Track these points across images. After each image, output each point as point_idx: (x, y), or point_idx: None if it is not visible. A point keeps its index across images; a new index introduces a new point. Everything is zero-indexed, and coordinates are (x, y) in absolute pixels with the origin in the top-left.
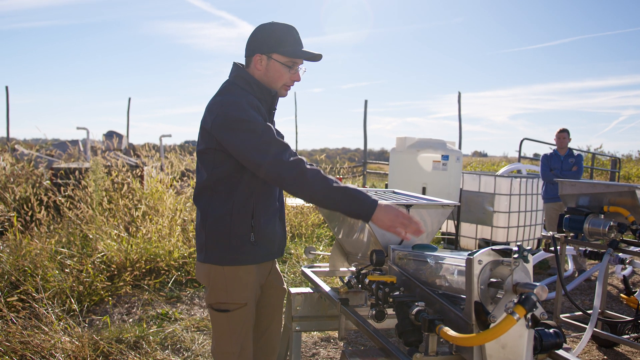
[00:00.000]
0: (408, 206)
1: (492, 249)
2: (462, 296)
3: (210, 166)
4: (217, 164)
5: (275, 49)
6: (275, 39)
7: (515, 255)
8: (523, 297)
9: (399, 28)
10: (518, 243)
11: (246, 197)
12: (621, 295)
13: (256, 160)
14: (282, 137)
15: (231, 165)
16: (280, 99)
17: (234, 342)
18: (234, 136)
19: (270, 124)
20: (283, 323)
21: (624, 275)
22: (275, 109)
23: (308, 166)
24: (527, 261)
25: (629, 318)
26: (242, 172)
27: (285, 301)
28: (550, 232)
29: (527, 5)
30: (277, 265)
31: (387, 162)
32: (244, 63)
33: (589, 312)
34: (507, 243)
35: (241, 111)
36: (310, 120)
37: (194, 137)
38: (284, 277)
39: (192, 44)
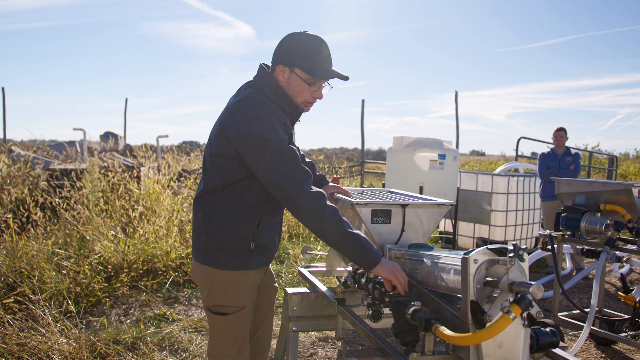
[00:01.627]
0: (404, 205)
1: (487, 248)
2: (458, 295)
3: (223, 171)
4: (231, 170)
5: (298, 64)
6: (300, 52)
7: (511, 254)
8: (519, 296)
9: (397, 27)
10: (514, 242)
11: (255, 205)
12: (619, 293)
13: (277, 183)
14: (298, 148)
15: (245, 173)
16: None
17: (231, 345)
18: (258, 154)
19: (295, 147)
20: (281, 323)
21: (621, 273)
22: (299, 120)
23: (328, 203)
24: (522, 260)
25: (627, 316)
26: (255, 180)
27: (282, 301)
28: (548, 231)
29: (524, 4)
30: (271, 265)
31: (384, 162)
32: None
33: (586, 310)
34: (505, 242)
35: (269, 129)
36: (308, 120)
37: (192, 137)
38: (282, 277)
39: (189, 44)
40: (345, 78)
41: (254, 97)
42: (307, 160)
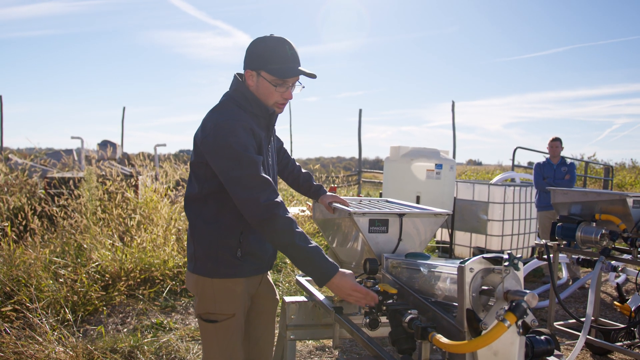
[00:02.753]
0: (401, 215)
1: (483, 257)
2: (455, 304)
3: (202, 179)
4: (209, 178)
5: (264, 67)
6: (265, 56)
7: (506, 263)
8: (514, 304)
9: (396, 37)
10: (509, 251)
11: (237, 214)
12: (615, 302)
13: (234, 192)
14: (282, 143)
15: (220, 181)
16: None
17: (222, 353)
18: (219, 161)
19: (259, 157)
20: (278, 332)
21: (617, 283)
22: (274, 125)
23: (283, 214)
24: (517, 269)
25: (622, 325)
26: None
27: (279, 310)
28: (544, 240)
29: (522, 14)
30: (270, 276)
31: (381, 171)
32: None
33: (582, 319)
34: (501, 251)
35: (233, 137)
36: (305, 130)
37: (189, 146)
38: (279, 285)
39: (187, 53)
40: (312, 76)
41: (224, 105)
42: (303, 171)
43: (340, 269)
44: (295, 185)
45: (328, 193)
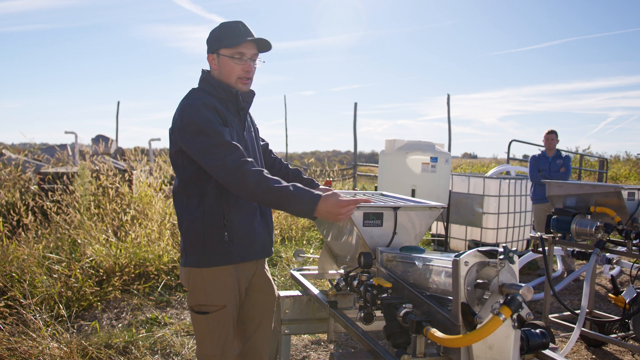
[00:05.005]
0: (396, 208)
1: (478, 251)
2: (449, 297)
3: (180, 170)
4: (186, 167)
5: (220, 45)
6: (219, 35)
7: (501, 257)
8: (509, 297)
9: (392, 30)
10: (504, 244)
11: (216, 197)
12: (609, 294)
13: (206, 163)
14: (257, 131)
15: (197, 166)
16: (270, 102)
17: (214, 345)
18: (189, 139)
19: (224, 128)
20: (273, 326)
21: (611, 275)
22: (244, 107)
23: (251, 168)
24: (512, 262)
25: (617, 317)
26: (209, 174)
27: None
28: (539, 233)
29: (517, 8)
30: (267, 270)
31: (377, 165)
32: None
33: (577, 312)
34: (497, 244)
35: (195, 113)
36: (301, 123)
37: None
38: (274, 280)
39: (182, 47)
40: (264, 42)
41: (190, 93)
42: (291, 167)
43: (322, 194)
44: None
45: (322, 186)
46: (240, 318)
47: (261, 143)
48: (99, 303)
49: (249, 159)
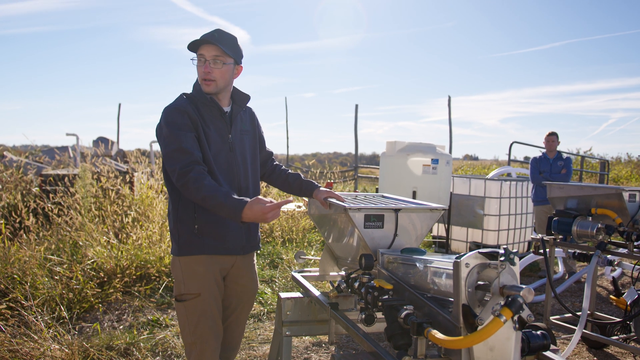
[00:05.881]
0: (397, 210)
1: (479, 252)
2: (450, 299)
3: (165, 168)
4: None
5: (192, 51)
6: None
7: (502, 258)
8: (509, 299)
9: (392, 32)
10: (505, 246)
11: None
12: (610, 296)
13: (166, 166)
14: (257, 135)
15: None
16: (271, 104)
17: (191, 332)
18: (159, 141)
19: (187, 132)
20: (274, 328)
21: (613, 277)
22: (227, 112)
23: (194, 175)
24: (513, 264)
25: (618, 319)
26: None
27: (275, 306)
28: (540, 235)
29: (518, 9)
30: (251, 264)
31: (378, 167)
32: None
33: (578, 313)
34: (498, 246)
35: (165, 117)
36: (302, 125)
37: None
38: (275, 281)
39: (183, 49)
40: (212, 36)
41: (177, 97)
42: (291, 171)
43: (248, 201)
44: (285, 187)
45: (323, 188)
46: (221, 308)
47: (264, 152)
48: (100, 305)
49: (197, 166)
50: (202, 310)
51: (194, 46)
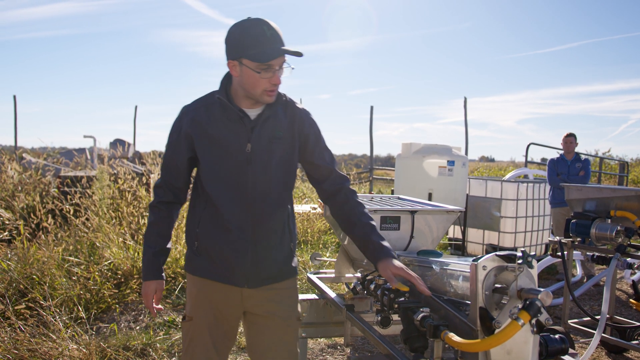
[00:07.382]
0: (413, 212)
1: (496, 255)
2: (467, 302)
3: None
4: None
5: (243, 54)
6: (243, 41)
7: (520, 261)
8: (527, 302)
9: (406, 33)
10: (522, 249)
11: (197, 203)
12: (630, 300)
13: None
14: (325, 162)
15: (197, 175)
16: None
17: (185, 353)
18: None
19: (170, 156)
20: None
21: (633, 280)
22: (250, 114)
23: (152, 213)
24: (531, 267)
25: (638, 323)
26: (196, 178)
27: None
28: (558, 237)
29: (534, 10)
30: (286, 296)
31: (393, 168)
32: None
33: (597, 317)
34: (515, 249)
35: (172, 130)
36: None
37: None
38: None
39: (200, 51)
40: (297, 54)
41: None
42: (365, 212)
43: (154, 279)
44: (348, 231)
45: (393, 261)
46: (248, 344)
47: (316, 165)
48: (117, 305)
49: (161, 202)
50: (192, 336)
51: (261, 57)
